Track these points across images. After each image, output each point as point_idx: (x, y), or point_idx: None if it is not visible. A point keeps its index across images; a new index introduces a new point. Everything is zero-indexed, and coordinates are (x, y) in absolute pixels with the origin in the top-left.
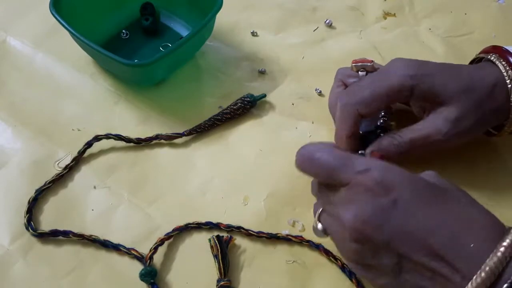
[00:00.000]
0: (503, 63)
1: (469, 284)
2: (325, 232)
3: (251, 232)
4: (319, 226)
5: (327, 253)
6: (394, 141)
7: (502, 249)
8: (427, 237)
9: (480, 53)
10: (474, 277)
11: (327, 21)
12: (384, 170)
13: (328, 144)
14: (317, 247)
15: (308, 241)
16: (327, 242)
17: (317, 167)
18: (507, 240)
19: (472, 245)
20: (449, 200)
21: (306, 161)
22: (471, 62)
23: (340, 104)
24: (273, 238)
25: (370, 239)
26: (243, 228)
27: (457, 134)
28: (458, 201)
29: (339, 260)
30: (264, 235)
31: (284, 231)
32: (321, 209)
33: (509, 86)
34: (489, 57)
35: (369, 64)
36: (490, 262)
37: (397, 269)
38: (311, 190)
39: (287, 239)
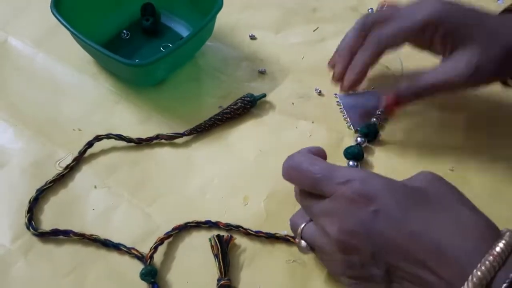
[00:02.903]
0: None
1: None
2: (310, 248)
3: (250, 232)
4: (303, 243)
5: None
6: (412, 86)
7: (490, 258)
8: (410, 245)
9: (509, 6)
10: (464, 286)
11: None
12: (365, 180)
13: (313, 156)
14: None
15: None
16: (318, 270)
17: (302, 178)
18: (497, 248)
19: (455, 253)
20: (435, 206)
21: (292, 172)
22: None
23: (372, 33)
24: (271, 238)
25: (357, 249)
26: (242, 227)
27: (479, 77)
28: (447, 205)
29: None
30: (263, 235)
31: (283, 232)
32: (303, 225)
33: None
34: None
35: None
36: (477, 273)
37: (387, 279)
38: (294, 196)
39: (286, 239)
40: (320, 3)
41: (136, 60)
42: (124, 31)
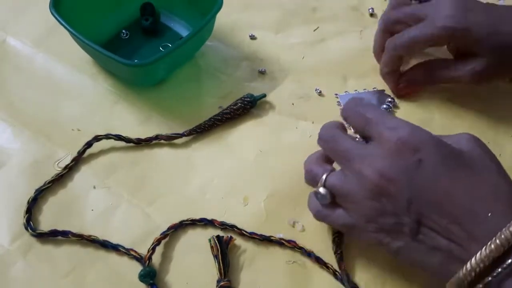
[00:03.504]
0: None
1: (482, 250)
2: (329, 197)
3: (244, 233)
4: (323, 190)
5: (318, 261)
6: (426, 76)
7: None
8: (448, 200)
9: None
10: (489, 243)
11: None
12: (414, 130)
13: (372, 104)
14: (309, 255)
15: (300, 248)
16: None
17: (356, 117)
18: None
19: (490, 215)
20: (475, 170)
21: (350, 111)
22: None
23: (386, 45)
24: (265, 241)
25: (393, 196)
26: (236, 227)
27: (487, 79)
28: (485, 170)
29: (330, 268)
30: (257, 237)
31: (279, 235)
32: (326, 174)
33: None
34: None
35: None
36: (506, 231)
37: (415, 229)
38: (322, 143)
39: (280, 243)
40: (320, 3)
41: (136, 60)
42: (124, 31)
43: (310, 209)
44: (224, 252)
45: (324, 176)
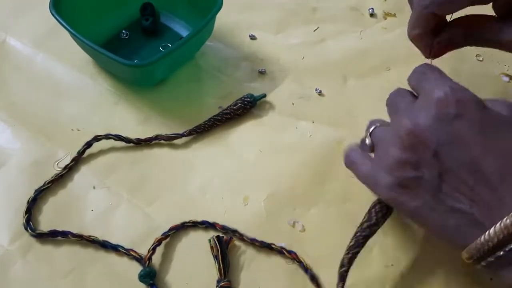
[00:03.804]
0: None
1: (509, 216)
2: (370, 148)
3: (245, 238)
4: (368, 140)
5: (313, 279)
6: (467, 37)
7: None
8: (481, 159)
9: None
10: None
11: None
12: (459, 89)
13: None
14: (306, 271)
15: (299, 261)
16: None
17: (413, 74)
18: None
19: None
20: None
21: (416, 71)
22: None
23: (416, 1)
24: (265, 248)
25: (420, 147)
26: (238, 232)
27: None
28: None
29: None
30: (258, 244)
31: (281, 244)
32: (377, 124)
33: None
34: None
35: None
36: None
37: (437, 185)
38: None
39: (280, 252)
40: (320, 3)
41: (136, 61)
42: (124, 31)
43: (344, 153)
44: (224, 253)
45: (372, 127)
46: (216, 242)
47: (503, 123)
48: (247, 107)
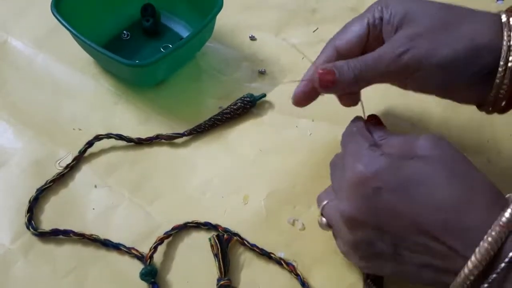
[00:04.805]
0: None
1: (468, 263)
2: (328, 225)
3: (246, 243)
4: (323, 220)
5: None
6: (348, 63)
7: (497, 228)
8: (415, 217)
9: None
10: (472, 257)
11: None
12: (370, 161)
13: (363, 134)
14: (303, 285)
15: (297, 274)
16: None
17: (342, 144)
18: (503, 218)
19: (461, 224)
20: (440, 174)
21: (344, 135)
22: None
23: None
24: (265, 256)
25: (363, 226)
26: (239, 236)
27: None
28: (452, 173)
29: None
30: (258, 251)
31: (280, 253)
32: (325, 202)
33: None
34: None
35: None
36: (484, 244)
37: (395, 252)
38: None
39: (279, 262)
40: (319, 4)
41: (137, 61)
42: (124, 31)
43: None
44: (224, 251)
45: (322, 204)
46: (216, 240)
47: (421, 173)
48: (247, 107)
